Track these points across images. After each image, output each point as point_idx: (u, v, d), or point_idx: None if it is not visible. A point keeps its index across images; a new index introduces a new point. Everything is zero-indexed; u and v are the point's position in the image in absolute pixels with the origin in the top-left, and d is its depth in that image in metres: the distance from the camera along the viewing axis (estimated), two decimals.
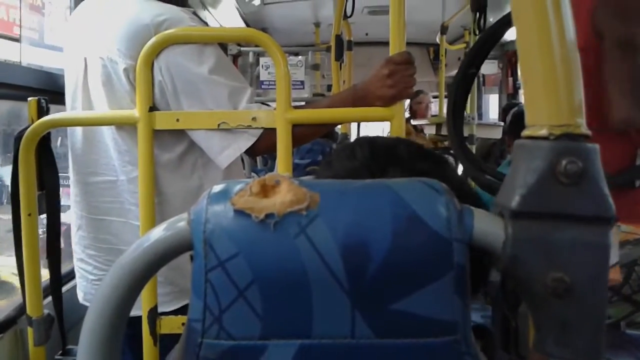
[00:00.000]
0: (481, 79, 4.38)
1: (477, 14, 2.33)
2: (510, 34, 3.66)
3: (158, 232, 0.40)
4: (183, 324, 1.20)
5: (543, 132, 0.41)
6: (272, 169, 3.39)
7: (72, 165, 1.39)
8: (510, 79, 4.03)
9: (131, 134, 1.25)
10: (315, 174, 0.68)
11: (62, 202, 1.41)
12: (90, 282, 1.36)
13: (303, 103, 3.02)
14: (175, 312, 1.26)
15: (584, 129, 0.41)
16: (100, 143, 1.31)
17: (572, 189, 0.40)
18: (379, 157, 0.63)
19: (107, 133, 1.29)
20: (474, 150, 2.96)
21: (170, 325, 1.20)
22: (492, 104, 4.70)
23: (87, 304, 1.39)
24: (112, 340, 0.41)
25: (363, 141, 0.66)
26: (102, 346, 0.40)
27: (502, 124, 3.10)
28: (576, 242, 0.40)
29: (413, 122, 3.96)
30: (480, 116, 3.86)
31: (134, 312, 1.20)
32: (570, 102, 0.41)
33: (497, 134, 3.05)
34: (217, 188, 0.41)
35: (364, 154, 0.64)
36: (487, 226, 0.41)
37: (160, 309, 1.22)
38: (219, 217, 0.39)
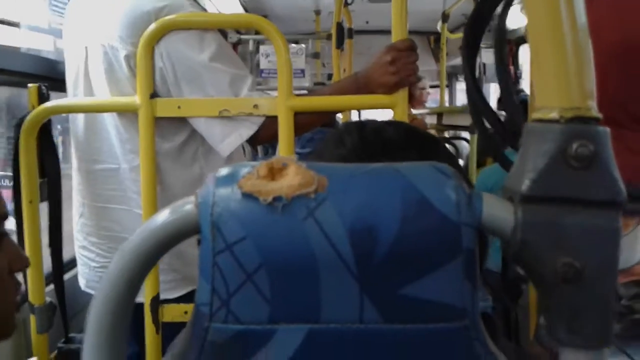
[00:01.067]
0: (482, 68, 4.36)
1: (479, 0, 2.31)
2: (510, 22, 3.64)
3: (164, 216, 0.40)
4: (185, 312, 1.20)
5: (553, 114, 0.40)
6: None
7: (75, 153, 1.38)
8: (512, 68, 4.01)
9: (133, 122, 1.24)
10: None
11: None
12: (92, 269, 1.36)
13: (305, 92, 3.01)
14: (177, 300, 1.26)
15: (595, 112, 0.40)
16: (102, 131, 1.31)
17: (582, 172, 0.39)
18: (368, 143, 0.62)
19: (109, 121, 1.29)
20: (475, 141, 2.95)
21: (172, 313, 1.20)
22: (494, 93, 4.69)
23: (89, 290, 1.39)
24: (119, 326, 0.40)
25: (351, 127, 0.65)
26: (109, 332, 0.40)
27: (504, 113, 3.09)
28: (586, 226, 0.39)
29: (413, 111, 3.94)
30: None
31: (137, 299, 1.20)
32: (582, 85, 0.40)
33: None
34: (223, 171, 0.41)
35: (353, 140, 0.63)
36: (497, 210, 0.40)
37: (162, 296, 1.22)
38: (227, 201, 0.39)
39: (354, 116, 4.26)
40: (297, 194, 0.38)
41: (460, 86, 5.24)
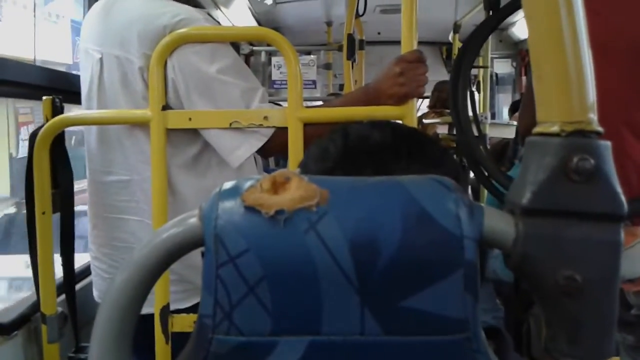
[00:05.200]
0: (494, 77, 4.35)
1: (490, 13, 2.31)
2: (524, 32, 3.63)
3: (169, 228, 0.40)
4: (195, 322, 1.21)
5: (554, 128, 0.41)
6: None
7: (88, 165, 1.40)
8: (524, 78, 4.00)
9: (147, 134, 1.25)
10: None
11: None
12: (104, 280, 1.37)
13: (318, 103, 3.02)
14: (190, 309, 1.27)
15: (596, 126, 0.41)
16: (115, 143, 1.32)
17: (583, 186, 0.39)
18: (353, 152, 0.59)
19: (123, 132, 1.30)
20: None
21: (182, 323, 1.21)
22: (505, 103, 4.68)
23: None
24: (124, 336, 0.41)
25: (335, 136, 0.62)
26: (114, 342, 0.40)
27: (515, 123, 3.08)
28: (587, 239, 0.39)
29: (425, 120, 3.93)
30: (493, 115, 3.84)
31: (148, 310, 1.19)
32: (582, 99, 0.41)
33: (510, 133, 3.03)
34: (227, 185, 0.41)
35: (337, 151, 0.60)
36: (498, 223, 0.41)
37: (175, 306, 1.23)
38: (230, 214, 0.39)
39: None
40: (299, 207, 0.39)
41: None
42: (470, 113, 1.70)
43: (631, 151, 1.34)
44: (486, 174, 1.47)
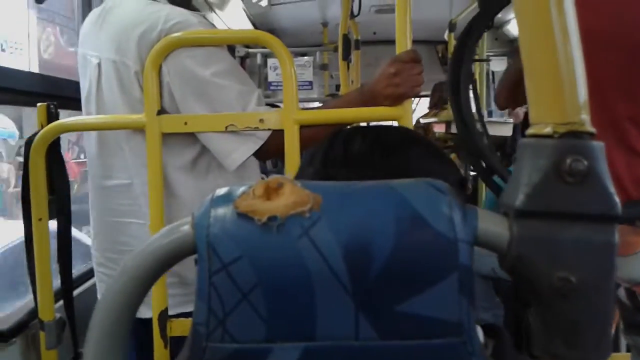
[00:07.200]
0: (491, 76, 4.34)
1: None
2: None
3: (162, 237, 0.40)
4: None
5: (547, 130, 0.40)
6: (281, 171, 3.39)
7: (89, 170, 1.40)
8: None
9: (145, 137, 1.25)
10: None
11: None
12: None
13: (315, 104, 3.01)
14: (191, 314, 1.26)
15: (589, 127, 0.40)
16: (115, 147, 1.31)
17: (577, 187, 0.39)
18: (331, 158, 0.61)
19: (123, 136, 1.29)
20: None
21: (181, 328, 1.21)
22: None
23: None
24: (118, 342, 0.41)
25: (324, 142, 0.63)
26: (108, 348, 0.40)
27: (512, 120, 3.08)
28: (581, 241, 0.39)
29: (422, 120, 3.93)
30: (490, 113, 3.83)
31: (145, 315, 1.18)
32: (574, 100, 0.40)
33: (507, 131, 3.03)
34: (220, 191, 0.41)
35: (320, 157, 0.61)
36: (492, 226, 0.40)
37: (179, 310, 1.23)
38: (222, 221, 0.39)
39: None
40: (292, 213, 0.39)
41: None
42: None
43: (613, 158, 1.33)
44: (486, 166, 1.45)
